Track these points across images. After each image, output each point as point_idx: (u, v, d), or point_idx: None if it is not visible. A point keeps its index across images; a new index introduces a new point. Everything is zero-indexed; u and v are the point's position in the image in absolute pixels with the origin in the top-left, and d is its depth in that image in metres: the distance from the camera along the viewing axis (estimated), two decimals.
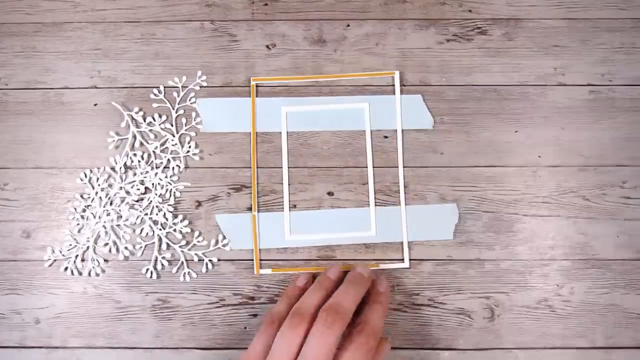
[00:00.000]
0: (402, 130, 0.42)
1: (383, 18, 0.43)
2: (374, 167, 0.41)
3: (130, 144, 0.42)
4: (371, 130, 0.42)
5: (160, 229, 0.41)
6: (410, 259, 0.41)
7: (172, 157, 0.42)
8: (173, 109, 0.42)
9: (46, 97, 0.42)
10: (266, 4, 0.44)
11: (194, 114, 0.42)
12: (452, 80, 0.42)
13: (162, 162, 0.41)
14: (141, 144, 0.42)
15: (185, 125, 0.42)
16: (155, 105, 0.42)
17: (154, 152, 0.42)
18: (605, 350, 0.40)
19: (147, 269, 0.40)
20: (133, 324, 0.40)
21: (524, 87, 0.42)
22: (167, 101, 0.42)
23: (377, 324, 0.35)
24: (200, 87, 0.42)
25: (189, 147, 0.42)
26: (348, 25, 0.43)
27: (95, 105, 0.42)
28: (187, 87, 0.42)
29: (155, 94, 0.42)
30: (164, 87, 0.42)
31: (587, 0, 0.43)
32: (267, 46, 0.43)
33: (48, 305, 0.40)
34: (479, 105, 0.42)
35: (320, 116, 0.42)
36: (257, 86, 0.42)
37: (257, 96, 0.42)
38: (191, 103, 0.42)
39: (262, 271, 0.41)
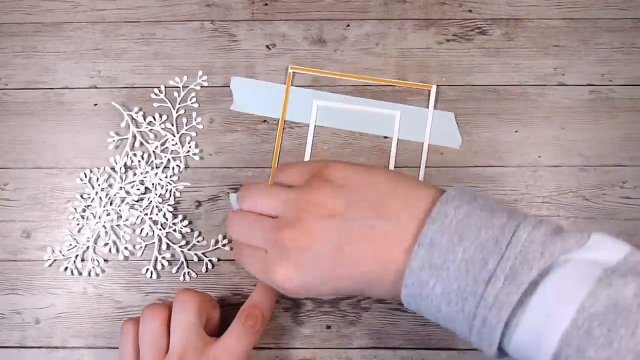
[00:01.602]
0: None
1: (383, 18, 0.43)
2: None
3: (130, 144, 0.42)
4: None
5: (160, 229, 0.41)
6: None
7: (172, 157, 0.42)
8: (174, 109, 0.42)
9: (46, 97, 0.42)
10: (266, 4, 0.44)
11: (194, 114, 0.42)
12: (452, 80, 0.42)
13: (162, 162, 0.41)
14: (141, 144, 0.42)
15: (186, 125, 0.42)
16: (156, 105, 0.42)
17: (154, 152, 0.42)
18: None
19: (147, 269, 0.40)
20: None
21: (524, 87, 0.42)
22: (167, 101, 0.42)
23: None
24: (201, 87, 0.42)
25: (189, 147, 0.42)
26: (348, 25, 0.43)
27: (95, 105, 0.42)
28: (187, 87, 0.42)
29: (156, 94, 0.42)
30: (165, 86, 0.42)
31: (587, 0, 0.43)
32: (267, 46, 0.43)
33: (48, 305, 0.40)
34: (479, 105, 0.42)
35: (348, 115, 0.42)
36: (293, 74, 0.42)
37: (291, 84, 0.42)
38: (192, 103, 0.42)
39: None
